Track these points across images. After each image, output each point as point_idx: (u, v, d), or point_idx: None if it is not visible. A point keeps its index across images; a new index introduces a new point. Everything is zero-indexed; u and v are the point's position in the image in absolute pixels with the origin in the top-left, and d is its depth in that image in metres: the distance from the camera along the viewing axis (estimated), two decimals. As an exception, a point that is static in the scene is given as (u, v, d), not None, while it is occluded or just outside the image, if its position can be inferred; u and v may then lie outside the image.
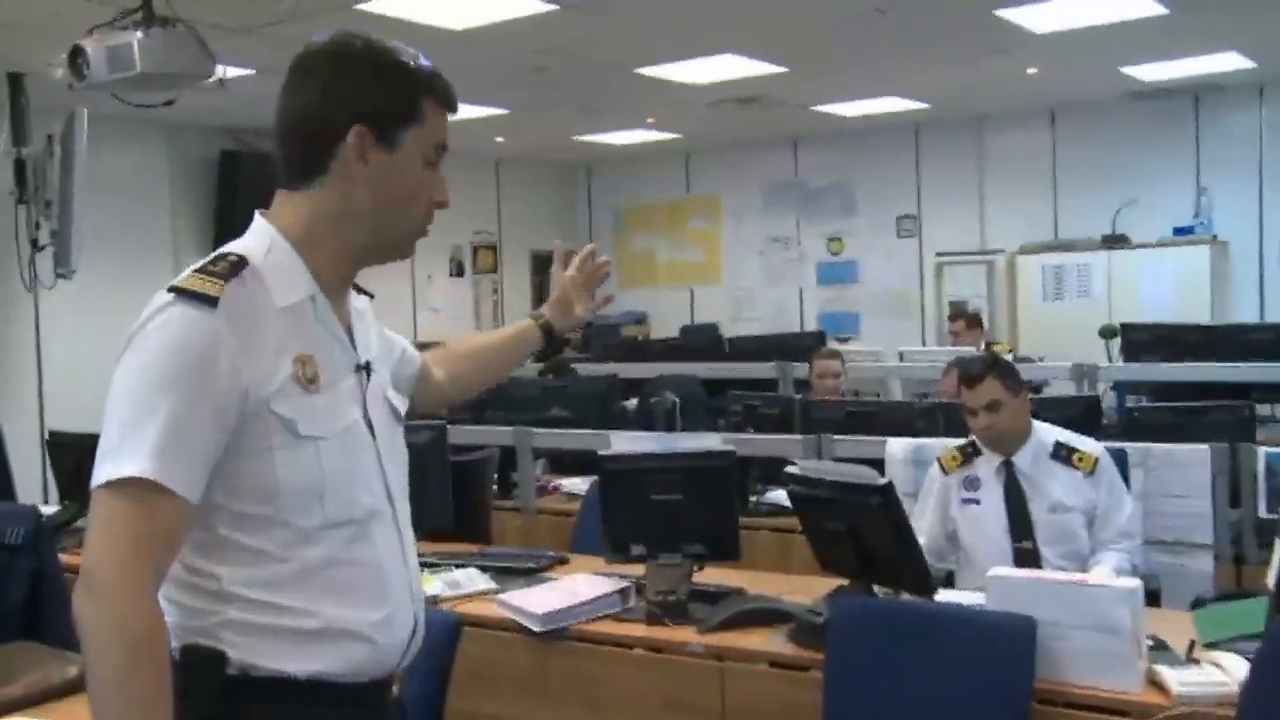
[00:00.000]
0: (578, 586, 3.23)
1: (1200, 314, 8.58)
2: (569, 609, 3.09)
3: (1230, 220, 9.45)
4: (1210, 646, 2.55)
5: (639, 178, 12.44)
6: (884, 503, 2.82)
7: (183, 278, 1.47)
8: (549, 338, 2.22)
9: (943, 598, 2.94)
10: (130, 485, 1.37)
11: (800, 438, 4.48)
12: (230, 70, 4.89)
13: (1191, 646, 2.56)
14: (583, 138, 10.87)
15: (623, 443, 3.56)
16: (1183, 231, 9.45)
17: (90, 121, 6.77)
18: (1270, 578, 2.67)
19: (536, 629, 3.07)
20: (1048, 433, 3.58)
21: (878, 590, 2.94)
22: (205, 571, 1.48)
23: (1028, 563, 3.36)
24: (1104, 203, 9.77)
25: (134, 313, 1.48)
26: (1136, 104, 9.57)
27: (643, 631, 3.03)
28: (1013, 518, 3.51)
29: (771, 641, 2.89)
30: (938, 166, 10.83)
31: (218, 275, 1.46)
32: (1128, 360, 6.47)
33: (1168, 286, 9.13)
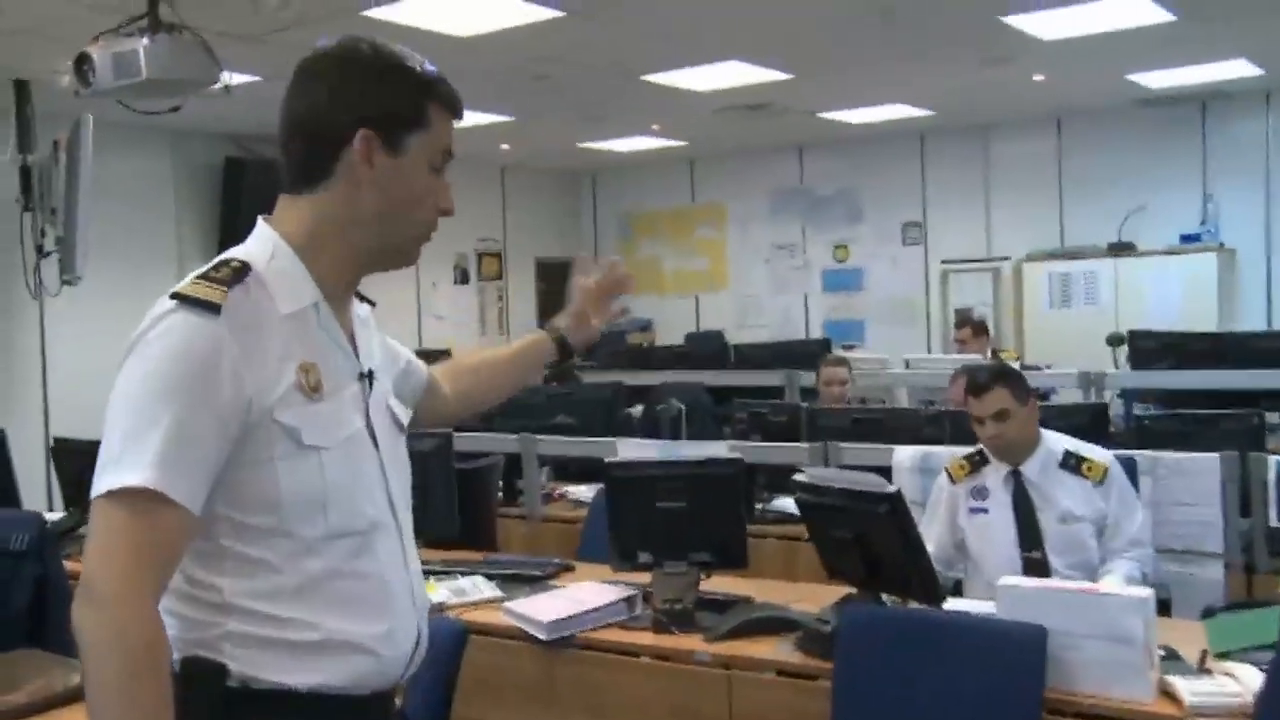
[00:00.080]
0: (584, 594, 3.21)
1: (1207, 322, 8.56)
2: (575, 617, 3.07)
3: (1237, 228, 9.44)
4: (1222, 656, 2.52)
5: (644, 185, 12.44)
6: (892, 511, 2.80)
7: (185, 284, 1.45)
8: (563, 350, 2.14)
9: (951, 606, 2.91)
10: (131, 495, 1.35)
11: (807, 445, 4.47)
12: (235, 77, 4.90)
13: (1203, 656, 2.54)
14: (588, 145, 10.87)
15: (629, 450, 3.53)
16: (1190, 239, 9.44)
17: (96, 128, 6.79)
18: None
19: (543, 637, 3.05)
20: (1057, 442, 3.55)
21: (885, 599, 2.92)
22: (206, 583, 1.46)
23: (1036, 573, 3.33)
24: (1111, 210, 9.75)
25: (139, 319, 1.46)
26: (1143, 111, 9.56)
27: (649, 640, 3.01)
28: (1021, 527, 3.48)
29: (779, 650, 2.87)
30: (943, 174, 10.82)
31: (220, 282, 1.45)
32: (1135, 368, 6.44)
33: (1175, 294, 9.12)
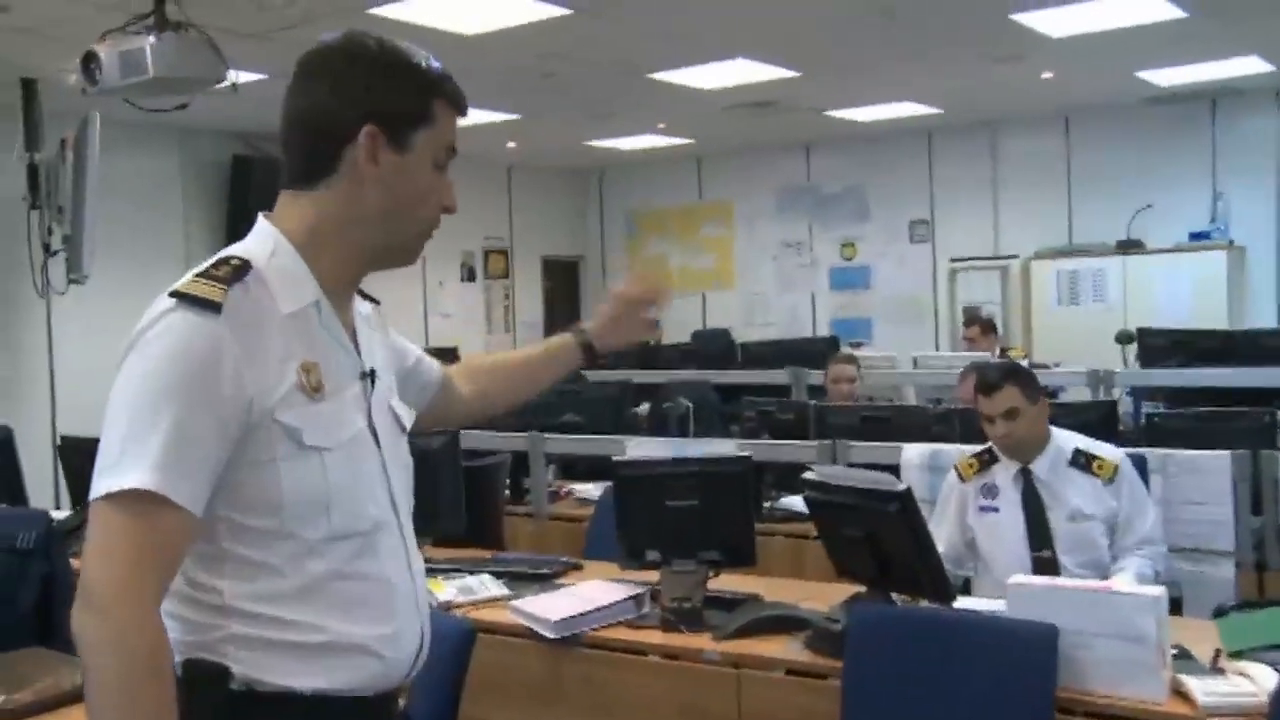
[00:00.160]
0: (592, 593, 3.19)
1: (1217, 320, 8.53)
2: (583, 615, 3.06)
3: (1247, 226, 9.41)
4: (1236, 656, 2.50)
5: (651, 183, 12.43)
6: (902, 509, 2.78)
7: (184, 282, 1.43)
8: (589, 355, 2.09)
9: (961, 605, 2.90)
10: (131, 498, 1.33)
11: (815, 443, 4.45)
12: (242, 75, 4.89)
13: (1216, 656, 2.52)
14: (594, 143, 10.86)
15: (638, 449, 3.52)
16: (1199, 237, 9.41)
17: (103, 127, 6.79)
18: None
19: (550, 635, 3.04)
20: (1067, 440, 3.53)
21: (895, 597, 2.90)
22: (206, 585, 1.44)
23: (1046, 571, 3.31)
24: (1119, 208, 9.73)
25: (146, 318, 1.45)
26: (1152, 109, 9.52)
27: (658, 638, 2.99)
28: (1031, 526, 3.46)
29: (788, 649, 2.85)
30: (951, 171, 10.80)
31: (221, 280, 1.42)
32: (1144, 366, 6.41)
33: (1184, 292, 9.09)
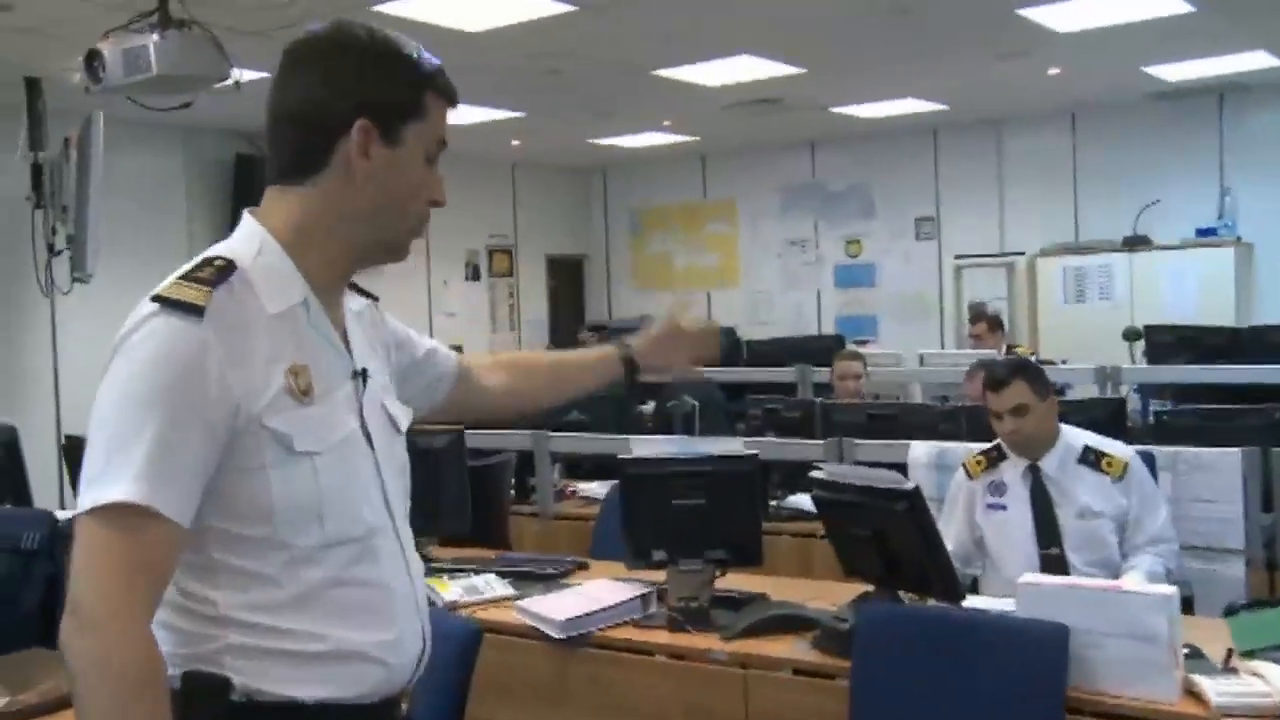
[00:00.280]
0: (598, 592, 3.18)
1: (1224, 316, 8.49)
2: (590, 615, 3.04)
3: (1254, 222, 9.37)
4: (1248, 655, 2.48)
5: (655, 181, 12.41)
6: (911, 508, 2.76)
7: (166, 285, 1.38)
8: (630, 372, 2.04)
9: (970, 604, 2.88)
10: (117, 511, 1.29)
11: (821, 442, 4.43)
12: (245, 73, 4.86)
13: (1229, 655, 2.49)
14: (599, 140, 10.84)
15: (644, 447, 3.50)
16: (1206, 233, 9.36)
17: (106, 126, 6.78)
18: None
19: (557, 636, 3.02)
20: (1076, 437, 3.50)
21: (903, 596, 2.88)
22: (199, 596, 1.39)
23: (1055, 570, 3.29)
24: (1126, 204, 9.70)
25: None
26: (1159, 104, 9.49)
27: (665, 638, 2.98)
28: (1039, 524, 3.44)
29: (796, 649, 2.84)
30: (957, 168, 10.77)
31: (204, 282, 1.38)
32: (1151, 363, 6.39)
33: (1191, 289, 9.06)
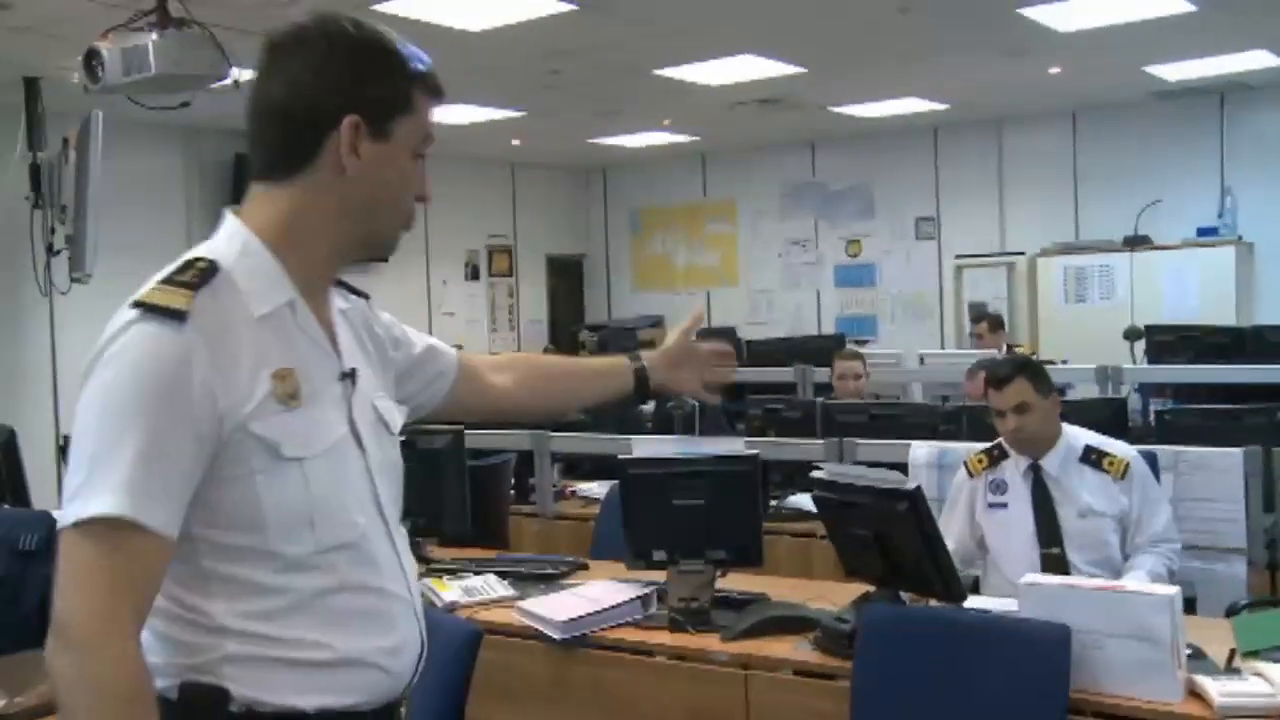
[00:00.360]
0: (598, 593, 3.17)
1: (1225, 316, 8.47)
2: (590, 616, 3.03)
3: (1256, 221, 9.34)
4: (1251, 655, 2.47)
5: (655, 180, 12.39)
6: (912, 508, 2.75)
7: (147, 290, 1.34)
8: (641, 385, 2.00)
9: (972, 604, 2.87)
10: (101, 525, 1.26)
11: (822, 442, 4.42)
12: (245, 73, 4.85)
13: (1231, 655, 2.49)
14: (599, 140, 10.83)
15: (645, 447, 3.49)
16: (1207, 232, 9.33)
17: (106, 125, 6.76)
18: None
19: (557, 636, 3.01)
20: (1078, 436, 3.49)
21: (905, 597, 2.87)
22: (194, 606, 1.36)
23: (1056, 569, 3.28)
24: (1126, 204, 9.68)
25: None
26: (1160, 104, 9.48)
27: (665, 639, 2.97)
28: (1040, 523, 3.43)
29: (797, 649, 2.83)
30: (957, 168, 10.75)
31: (186, 285, 1.34)
32: (1152, 362, 6.38)
33: (1192, 288, 9.04)
